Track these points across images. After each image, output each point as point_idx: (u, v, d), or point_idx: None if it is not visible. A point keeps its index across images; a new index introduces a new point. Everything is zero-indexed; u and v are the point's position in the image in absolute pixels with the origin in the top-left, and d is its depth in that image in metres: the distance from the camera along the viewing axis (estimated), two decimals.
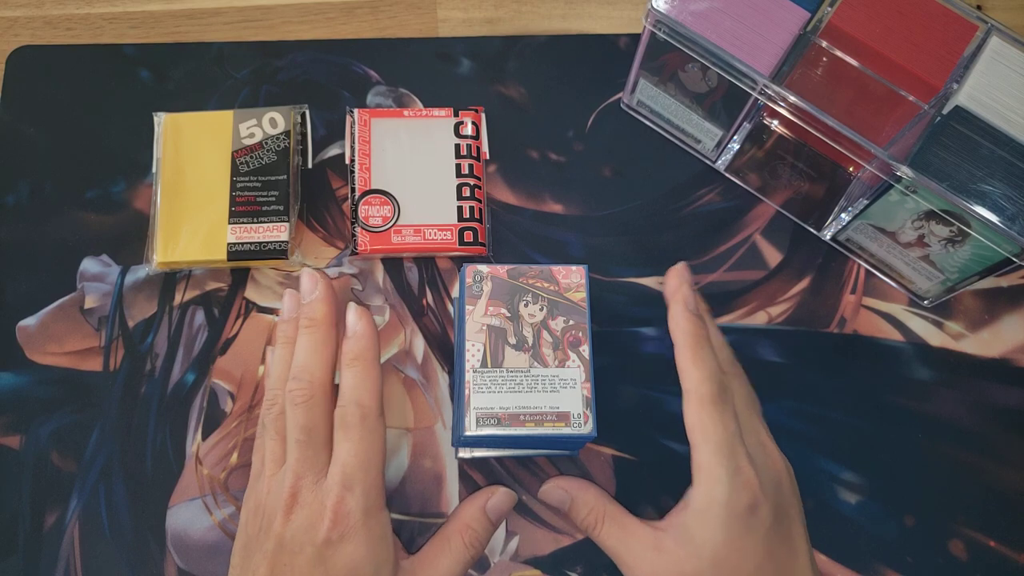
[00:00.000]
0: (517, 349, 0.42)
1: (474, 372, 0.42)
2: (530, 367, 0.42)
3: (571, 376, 0.42)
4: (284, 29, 0.59)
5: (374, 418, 0.42)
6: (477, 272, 0.43)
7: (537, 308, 0.42)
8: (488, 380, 0.41)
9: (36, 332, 0.52)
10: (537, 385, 0.41)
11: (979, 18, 0.45)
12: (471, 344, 0.42)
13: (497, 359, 0.42)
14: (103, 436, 0.50)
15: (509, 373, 0.41)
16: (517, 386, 0.41)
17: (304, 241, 0.54)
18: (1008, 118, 0.43)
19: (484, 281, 0.43)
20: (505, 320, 0.42)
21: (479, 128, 0.55)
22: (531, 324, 0.42)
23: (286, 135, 0.53)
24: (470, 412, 0.41)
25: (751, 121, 0.51)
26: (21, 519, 0.49)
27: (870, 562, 0.49)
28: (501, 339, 0.42)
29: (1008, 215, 0.42)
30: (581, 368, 0.42)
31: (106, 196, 0.54)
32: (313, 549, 0.40)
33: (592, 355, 0.42)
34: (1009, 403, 0.51)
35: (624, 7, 0.60)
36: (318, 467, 0.42)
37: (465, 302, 0.43)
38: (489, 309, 0.43)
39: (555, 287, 0.43)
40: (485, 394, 0.41)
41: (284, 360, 0.45)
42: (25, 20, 0.59)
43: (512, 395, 0.41)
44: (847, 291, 0.53)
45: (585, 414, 0.41)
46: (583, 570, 0.48)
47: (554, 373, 0.42)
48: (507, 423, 0.41)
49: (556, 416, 0.41)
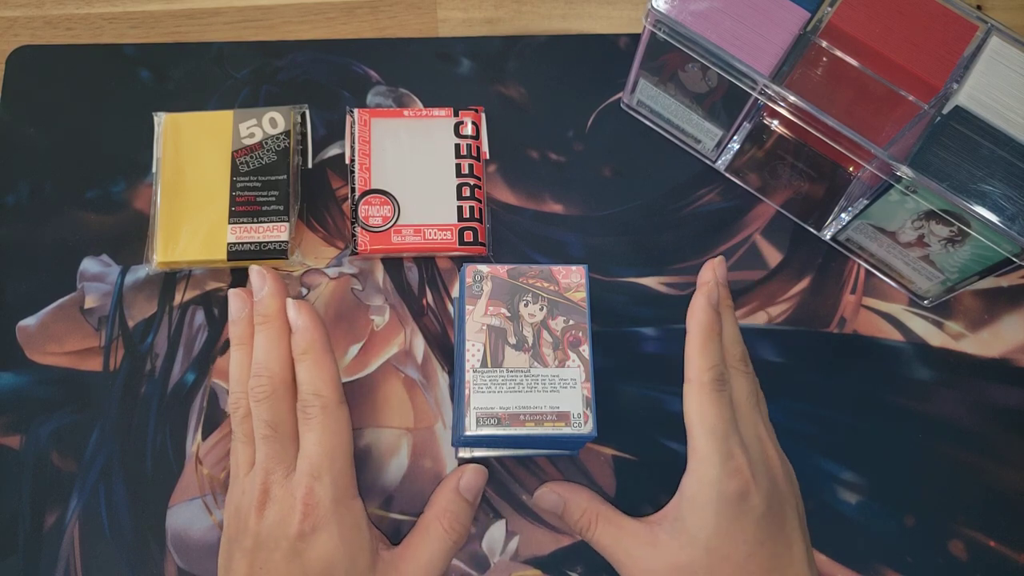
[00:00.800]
0: (517, 349, 0.42)
1: (474, 372, 0.42)
2: (530, 367, 0.42)
3: (571, 376, 0.42)
4: (284, 29, 0.59)
5: (335, 406, 0.42)
6: (477, 272, 0.43)
7: (537, 308, 0.43)
8: (488, 380, 0.41)
9: (36, 332, 0.52)
10: (537, 385, 0.41)
11: (979, 18, 0.45)
12: (471, 344, 0.42)
13: (497, 359, 0.42)
14: (103, 436, 0.50)
15: (509, 373, 0.42)
16: (517, 386, 0.41)
17: (304, 241, 0.54)
18: (1008, 118, 0.43)
19: (484, 281, 0.43)
20: (505, 320, 0.42)
21: (479, 128, 0.55)
22: (531, 324, 0.42)
23: (286, 135, 0.53)
24: (470, 412, 0.41)
25: (751, 121, 0.51)
26: (21, 519, 0.49)
27: (870, 562, 0.49)
28: (501, 339, 0.42)
29: (1008, 215, 0.42)
30: (581, 368, 0.42)
31: (106, 196, 0.54)
32: (288, 543, 0.40)
33: (592, 355, 0.42)
34: (1009, 403, 0.51)
35: (624, 7, 0.60)
36: (287, 461, 0.42)
37: (465, 302, 0.43)
38: (489, 309, 0.43)
39: (555, 287, 0.43)
40: (485, 394, 0.41)
41: (241, 363, 0.45)
42: (25, 20, 0.59)
43: (512, 395, 0.41)
44: (847, 291, 0.53)
45: (585, 414, 0.41)
46: (583, 570, 0.48)
47: (554, 373, 0.42)
48: (507, 423, 0.41)
49: (556, 416, 0.41)
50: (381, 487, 0.49)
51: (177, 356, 0.52)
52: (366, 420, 0.51)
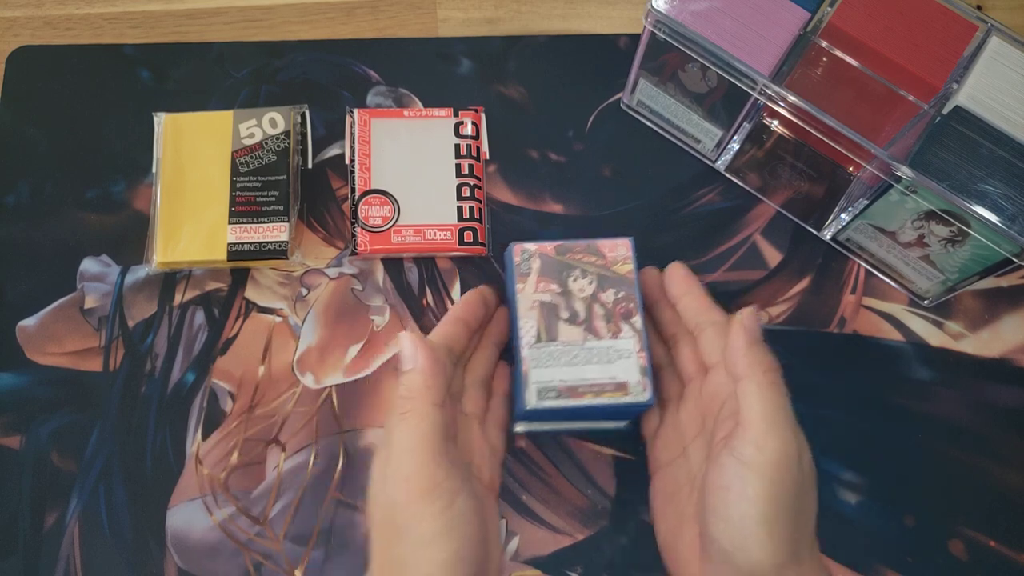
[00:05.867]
0: (570, 323, 0.43)
1: (530, 348, 0.42)
2: (584, 340, 0.42)
3: (625, 346, 0.42)
4: (284, 29, 0.59)
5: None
6: (525, 250, 0.44)
7: (587, 282, 0.43)
8: (544, 355, 0.42)
9: (36, 332, 0.52)
10: (593, 357, 0.42)
11: (979, 18, 0.45)
12: (524, 321, 0.43)
13: (551, 333, 0.43)
14: (103, 436, 0.50)
15: (564, 347, 0.42)
16: (573, 359, 0.42)
17: (304, 241, 0.54)
18: (1008, 118, 0.43)
19: (532, 259, 0.44)
20: (556, 296, 0.43)
21: (479, 128, 0.55)
22: (582, 298, 0.43)
23: (286, 135, 0.53)
24: (530, 386, 0.42)
25: (751, 121, 0.51)
26: (21, 519, 0.49)
27: (870, 562, 0.49)
28: (553, 314, 0.43)
29: (1008, 215, 0.42)
30: (635, 338, 0.42)
31: (106, 196, 0.54)
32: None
33: (644, 325, 0.43)
34: (1009, 403, 0.51)
35: (624, 7, 0.60)
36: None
37: (515, 280, 0.44)
38: (539, 286, 0.43)
39: (602, 261, 0.44)
40: (543, 368, 0.42)
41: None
42: (25, 20, 0.59)
43: (569, 368, 0.42)
44: (847, 291, 0.53)
45: (643, 382, 0.42)
46: (583, 570, 0.48)
47: (608, 344, 0.42)
48: (567, 395, 0.42)
49: (615, 386, 0.42)
50: None
51: (177, 356, 0.52)
52: (366, 420, 0.51)
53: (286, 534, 0.49)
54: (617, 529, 0.49)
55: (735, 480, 0.37)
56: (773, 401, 0.38)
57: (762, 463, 0.37)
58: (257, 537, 0.49)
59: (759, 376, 0.38)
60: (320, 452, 0.50)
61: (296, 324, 0.52)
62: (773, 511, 0.37)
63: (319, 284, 0.53)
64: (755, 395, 0.38)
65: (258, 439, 0.50)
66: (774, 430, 0.37)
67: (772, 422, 0.38)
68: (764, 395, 0.38)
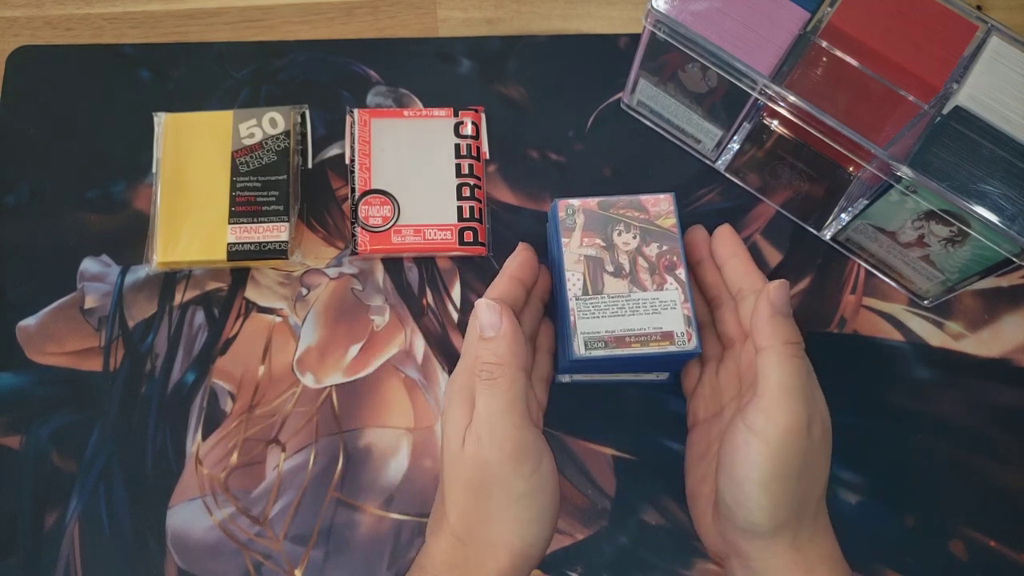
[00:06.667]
0: (615, 276, 0.44)
1: (576, 299, 0.43)
2: (630, 292, 0.43)
3: (670, 298, 0.43)
4: (284, 29, 0.59)
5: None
6: (569, 206, 0.45)
7: (630, 236, 0.44)
8: (591, 306, 0.43)
9: (36, 332, 0.52)
10: (639, 308, 0.43)
11: (979, 18, 0.45)
12: (571, 274, 0.44)
13: (597, 286, 0.43)
14: (103, 436, 0.50)
15: (610, 299, 0.43)
16: (619, 310, 0.43)
17: (304, 241, 0.54)
18: (1008, 118, 0.43)
19: (576, 214, 0.45)
20: (601, 249, 0.44)
21: (479, 128, 0.55)
22: (626, 252, 0.44)
23: (286, 135, 0.53)
24: (577, 337, 0.42)
25: (751, 121, 0.51)
26: (21, 519, 0.49)
27: (870, 562, 0.49)
28: (599, 267, 0.44)
29: (1008, 215, 0.42)
30: (679, 289, 0.43)
31: (106, 196, 0.54)
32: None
33: (688, 277, 0.44)
34: (1009, 403, 0.51)
35: (624, 7, 0.60)
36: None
37: (561, 235, 0.44)
38: (584, 240, 0.44)
39: (645, 215, 0.45)
40: (589, 319, 0.43)
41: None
42: (25, 20, 0.59)
43: (615, 319, 0.43)
44: (847, 291, 0.53)
45: (688, 332, 0.43)
46: (583, 570, 0.48)
47: (654, 296, 0.43)
48: (613, 345, 0.42)
49: (661, 336, 0.43)
50: (381, 487, 0.49)
51: (177, 356, 0.52)
52: (366, 420, 0.51)
53: (286, 534, 0.49)
54: (617, 529, 0.49)
55: (742, 444, 0.39)
56: (790, 372, 0.39)
57: (769, 432, 0.39)
58: (257, 537, 0.49)
59: (779, 347, 0.40)
60: (320, 452, 0.50)
61: (296, 324, 0.52)
62: (773, 476, 0.38)
63: (319, 284, 0.53)
64: (772, 365, 0.39)
65: (258, 439, 0.50)
66: (786, 402, 0.39)
67: (786, 393, 0.39)
68: (782, 366, 0.39)
